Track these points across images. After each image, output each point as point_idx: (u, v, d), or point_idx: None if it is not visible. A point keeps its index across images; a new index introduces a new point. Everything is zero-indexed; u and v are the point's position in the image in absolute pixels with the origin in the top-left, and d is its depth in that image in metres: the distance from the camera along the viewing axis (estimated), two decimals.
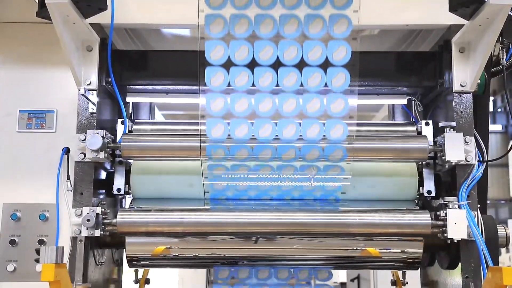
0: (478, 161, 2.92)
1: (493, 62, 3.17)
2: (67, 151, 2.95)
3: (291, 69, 2.76)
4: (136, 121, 3.36)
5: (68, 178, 2.93)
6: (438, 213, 2.90)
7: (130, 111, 3.64)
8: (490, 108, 4.17)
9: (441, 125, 2.94)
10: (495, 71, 3.21)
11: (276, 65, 2.77)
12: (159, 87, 3.39)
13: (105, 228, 2.91)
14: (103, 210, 2.90)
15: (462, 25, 2.87)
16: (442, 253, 3.11)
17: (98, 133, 2.85)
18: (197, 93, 2.81)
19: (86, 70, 2.97)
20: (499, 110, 21.10)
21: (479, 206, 2.91)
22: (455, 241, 2.84)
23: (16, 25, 3.14)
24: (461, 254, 2.84)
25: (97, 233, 2.84)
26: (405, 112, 3.72)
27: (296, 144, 2.84)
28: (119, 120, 3.21)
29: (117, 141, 3.08)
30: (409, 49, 3.60)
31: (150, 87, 3.40)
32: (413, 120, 3.49)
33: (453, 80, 2.98)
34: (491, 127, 12.99)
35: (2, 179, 3.00)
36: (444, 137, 2.89)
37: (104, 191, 3.13)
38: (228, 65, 2.75)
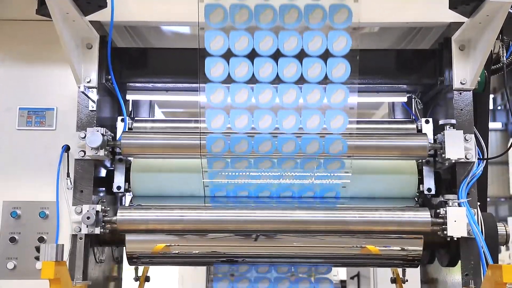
0: (478, 158, 2.92)
1: (493, 59, 3.17)
2: (67, 148, 2.95)
3: (291, 59, 2.75)
4: (136, 118, 3.36)
5: (68, 175, 2.93)
6: (438, 210, 2.91)
7: (130, 109, 3.63)
8: (490, 106, 4.17)
9: (441, 122, 2.94)
10: (495, 68, 3.20)
11: (276, 55, 2.77)
12: (159, 84, 3.38)
13: (105, 226, 2.91)
14: (103, 207, 2.90)
15: (462, 23, 2.87)
16: (442, 250, 3.12)
17: (98, 131, 2.85)
18: (197, 90, 2.81)
19: (86, 67, 2.97)
20: (499, 108, 21.10)
21: (479, 203, 2.91)
22: (455, 239, 2.84)
23: (16, 23, 3.13)
24: (461, 252, 2.85)
25: (97, 230, 2.84)
26: (405, 109, 3.72)
27: (296, 135, 2.84)
28: (119, 118, 3.21)
29: (117, 138, 3.08)
30: (409, 46, 3.60)
31: (150, 85, 3.39)
32: (413, 117, 3.49)
33: (453, 77, 2.98)
34: (491, 125, 12.98)
35: (2, 176, 2.99)
36: (444, 135, 2.89)
37: (104, 188, 3.13)
38: (228, 55, 2.74)
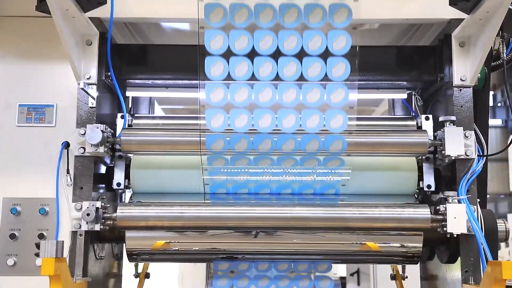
0: (478, 155, 2.92)
1: (493, 56, 3.16)
2: (66, 145, 2.95)
3: (291, 59, 2.75)
4: (135, 115, 3.35)
5: (68, 172, 2.93)
6: (437, 207, 2.91)
7: (129, 106, 3.63)
8: (490, 103, 4.17)
9: (441, 119, 2.94)
10: (495, 65, 3.20)
11: (276, 55, 2.77)
12: (158, 81, 3.38)
13: (105, 223, 2.91)
14: (103, 204, 2.90)
15: (462, 19, 2.87)
16: (441, 247, 3.12)
17: (97, 128, 2.85)
18: (197, 87, 2.81)
19: (85, 64, 2.97)
20: (499, 104, 21.07)
21: (478, 200, 2.91)
22: (455, 236, 2.84)
23: (16, 19, 3.13)
24: (461, 249, 2.85)
25: (97, 227, 2.84)
26: (405, 106, 3.71)
27: (296, 135, 2.83)
28: (119, 115, 3.21)
29: (116, 135, 3.08)
30: (409, 43, 3.60)
31: (150, 81, 3.39)
32: (413, 114, 3.49)
33: (453, 74, 2.98)
34: (491, 122, 12.95)
35: (2, 173, 2.99)
36: (444, 132, 2.89)
37: (104, 185, 3.13)
38: (228, 55, 2.74)
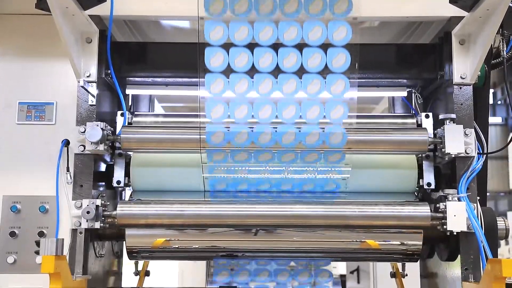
0: (478, 153, 2.92)
1: (493, 54, 3.16)
2: (66, 143, 2.95)
3: (291, 49, 2.75)
4: (135, 113, 3.36)
5: (68, 170, 2.93)
6: (437, 205, 2.91)
7: (129, 103, 3.63)
8: (490, 101, 4.17)
9: (441, 117, 2.94)
10: (495, 63, 3.20)
11: (276, 45, 2.76)
12: (158, 79, 3.38)
13: (105, 220, 2.91)
14: (103, 202, 2.90)
15: (463, 17, 2.87)
16: (441, 245, 3.12)
17: (97, 125, 2.85)
18: (197, 85, 2.81)
19: (85, 62, 2.97)
20: (499, 102, 21.07)
21: (478, 198, 2.91)
22: (455, 233, 2.84)
23: (15, 17, 3.12)
24: (461, 246, 2.85)
25: (97, 225, 2.84)
26: (405, 104, 3.71)
27: (295, 126, 2.84)
28: (119, 112, 3.21)
29: (116, 133, 3.08)
30: (409, 41, 3.59)
31: (150, 79, 3.39)
32: (413, 112, 3.49)
33: (453, 72, 2.98)
34: (491, 120, 12.97)
35: (2, 171, 2.99)
36: (444, 129, 2.89)
37: (103, 183, 3.13)
38: (227, 45, 2.74)
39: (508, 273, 2.29)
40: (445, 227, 2.82)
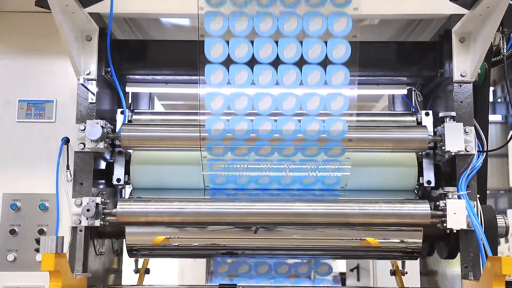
0: (478, 151, 2.92)
1: (494, 52, 3.16)
2: (66, 141, 2.95)
3: (290, 66, 2.76)
4: (135, 111, 3.35)
5: (68, 168, 2.93)
6: (437, 203, 2.91)
7: (129, 101, 3.63)
8: (490, 98, 4.17)
9: (441, 115, 2.94)
10: (496, 61, 3.19)
11: (276, 63, 2.77)
12: (158, 77, 3.38)
13: (105, 218, 2.91)
14: (103, 200, 2.90)
15: (463, 15, 2.86)
16: (441, 243, 3.12)
17: (97, 123, 2.85)
18: (197, 83, 2.80)
19: (85, 60, 2.97)
20: (499, 100, 21.08)
21: (478, 196, 2.91)
22: (455, 231, 2.84)
23: (15, 15, 3.12)
24: (460, 244, 2.85)
25: (97, 223, 2.85)
26: (405, 102, 3.71)
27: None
28: (119, 110, 3.21)
29: (116, 131, 3.08)
30: (409, 39, 3.59)
31: (150, 77, 3.39)
32: (413, 110, 3.49)
33: (453, 70, 2.98)
34: (491, 117, 12.96)
35: (2, 169, 2.99)
36: (444, 127, 2.89)
37: (103, 181, 3.13)
38: (228, 63, 2.74)
39: (508, 271, 2.30)
40: (445, 225, 2.82)
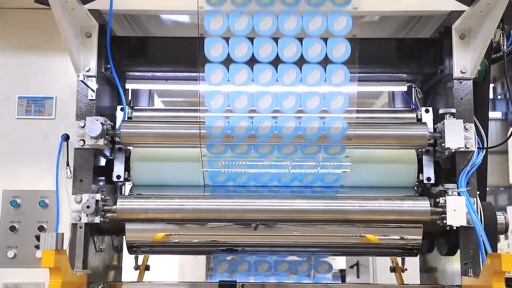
0: (478, 148, 2.92)
1: (494, 48, 3.16)
2: (66, 137, 2.94)
3: (290, 66, 2.76)
4: (135, 108, 3.35)
5: (68, 165, 2.93)
6: (437, 200, 2.91)
7: (129, 98, 3.63)
8: (490, 95, 4.16)
9: (441, 112, 2.94)
10: (496, 57, 3.19)
11: (276, 62, 2.77)
12: (158, 73, 3.38)
13: (105, 215, 2.91)
14: (103, 197, 2.90)
15: (463, 11, 2.86)
16: (441, 239, 3.12)
17: (97, 120, 2.85)
18: (197, 79, 2.80)
19: (85, 56, 2.96)
20: (499, 97, 21.06)
21: (478, 193, 2.91)
22: (454, 228, 2.84)
23: (15, 11, 3.11)
24: (460, 241, 2.85)
25: (97, 219, 2.85)
26: (405, 99, 3.71)
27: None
28: (119, 107, 3.21)
29: (116, 128, 3.08)
30: (409, 35, 3.59)
31: (150, 74, 3.39)
32: (413, 107, 3.49)
33: (453, 66, 2.97)
34: (491, 114, 12.95)
35: (2, 165, 2.99)
36: (444, 124, 2.89)
37: (103, 178, 3.13)
38: (227, 62, 2.74)
39: (507, 267, 2.30)
40: (444, 221, 2.82)
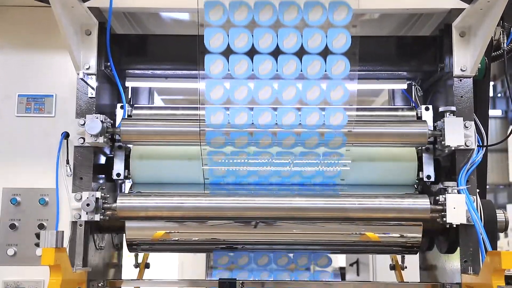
0: (478, 146, 2.92)
1: (494, 46, 3.15)
2: (66, 135, 2.95)
3: (290, 56, 2.75)
4: (135, 105, 3.35)
5: (68, 162, 2.93)
6: (437, 197, 2.91)
7: (129, 96, 3.63)
8: (490, 93, 4.15)
9: (441, 109, 2.94)
10: (496, 55, 3.19)
11: (276, 53, 2.76)
12: (158, 71, 3.37)
13: (104, 213, 2.91)
14: (103, 194, 2.90)
15: (463, 9, 2.86)
16: (441, 237, 3.12)
17: (97, 118, 2.85)
18: (197, 77, 2.80)
19: (85, 54, 2.96)
20: (499, 95, 21.06)
21: (478, 191, 2.91)
22: (454, 226, 2.84)
23: (15, 9, 3.11)
24: (460, 239, 2.86)
25: (97, 217, 2.85)
26: (405, 97, 3.71)
27: (295, 131, 2.84)
28: (118, 105, 3.21)
29: (116, 125, 3.08)
30: (409, 33, 3.59)
31: (149, 72, 3.38)
32: (413, 105, 3.48)
33: (453, 64, 2.97)
34: (491, 112, 12.97)
35: (2, 163, 2.99)
36: (444, 122, 2.89)
37: (103, 176, 3.13)
38: (227, 53, 2.73)
39: (507, 265, 2.30)
40: (444, 219, 2.82)
